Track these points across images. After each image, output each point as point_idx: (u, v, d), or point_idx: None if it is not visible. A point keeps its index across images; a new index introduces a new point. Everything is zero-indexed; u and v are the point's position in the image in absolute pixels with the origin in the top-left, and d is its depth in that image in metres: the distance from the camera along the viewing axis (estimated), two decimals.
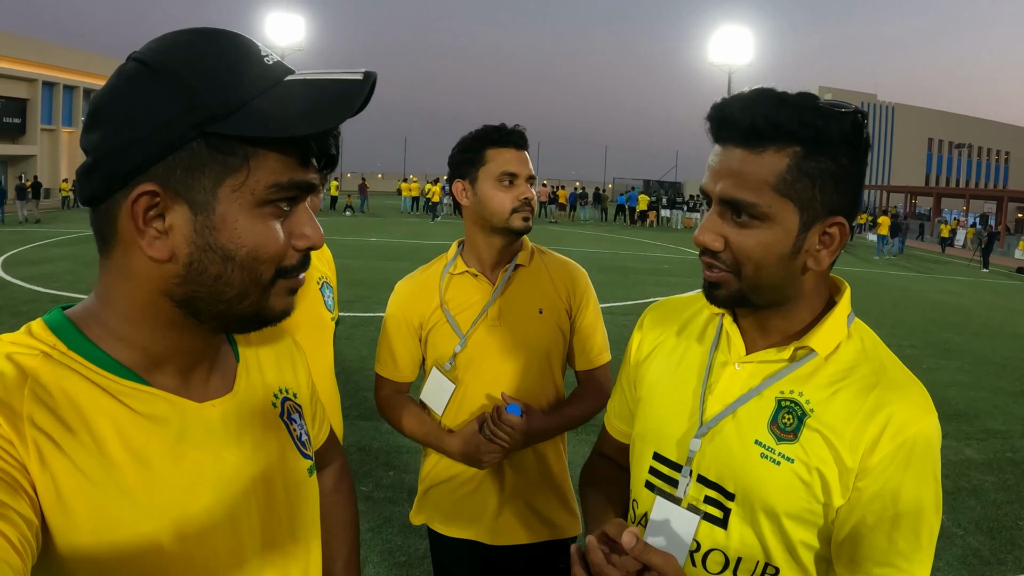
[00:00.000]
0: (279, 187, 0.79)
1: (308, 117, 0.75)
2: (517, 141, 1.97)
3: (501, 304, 1.99)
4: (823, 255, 1.07)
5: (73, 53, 40.13)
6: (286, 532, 0.94)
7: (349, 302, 9.84)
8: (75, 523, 0.74)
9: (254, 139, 0.77)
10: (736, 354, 1.17)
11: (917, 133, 77.25)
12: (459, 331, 1.98)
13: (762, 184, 1.02)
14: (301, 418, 1.04)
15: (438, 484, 2.07)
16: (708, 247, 1.08)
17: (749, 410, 1.13)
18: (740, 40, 39.39)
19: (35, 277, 11.60)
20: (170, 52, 0.78)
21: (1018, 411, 7.04)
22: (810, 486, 1.06)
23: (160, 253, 0.78)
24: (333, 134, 0.84)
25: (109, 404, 0.79)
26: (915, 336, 10.49)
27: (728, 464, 1.12)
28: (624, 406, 1.41)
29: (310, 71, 0.81)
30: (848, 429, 1.06)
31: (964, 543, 4.25)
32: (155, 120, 0.75)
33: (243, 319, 0.84)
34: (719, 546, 1.13)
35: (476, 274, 2.01)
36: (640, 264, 17.72)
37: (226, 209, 0.78)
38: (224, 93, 0.76)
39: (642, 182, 44.09)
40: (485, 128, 1.99)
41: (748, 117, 1.02)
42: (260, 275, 0.81)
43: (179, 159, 0.76)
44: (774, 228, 1.04)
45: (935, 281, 19.21)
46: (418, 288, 2.07)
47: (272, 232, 0.81)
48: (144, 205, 0.76)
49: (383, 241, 20.24)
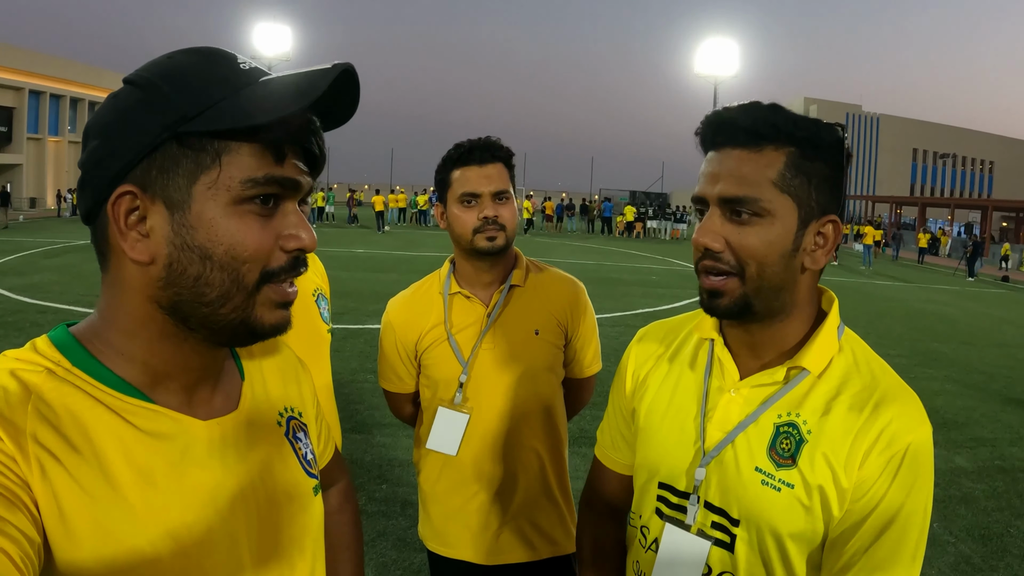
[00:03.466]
0: (254, 182, 0.79)
1: (269, 106, 0.76)
2: (479, 157, 1.90)
3: (496, 328, 1.96)
4: (819, 254, 1.10)
5: (60, 62, 39.99)
6: (289, 552, 0.93)
7: (338, 314, 9.81)
8: (76, 540, 0.74)
9: (222, 132, 0.77)
10: (730, 380, 1.18)
11: (902, 143, 78.06)
12: (460, 356, 1.95)
13: (763, 180, 1.05)
14: (307, 436, 1.03)
15: (435, 502, 2.03)
16: (709, 247, 1.08)
17: (748, 437, 1.14)
18: (726, 52, 39.66)
19: (22, 288, 11.49)
20: (151, 68, 0.81)
21: (1006, 419, 7.10)
22: (810, 509, 1.08)
23: (142, 255, 0.79)
24: (311, 130, 0.83)
25: (112, 421, 0.78)
26: (902, 345, 10.56)
27: (732, 491, 1.14)
28: (619, 436, 1.40)
29: (285, 70, 0.82)
30: (843, 448, 1.07)
31: (955, 550, 4.27)
32: (132, 127, 0.78)
33: (230, 327, 0.82)
34: (728, 568, 1.15)
35: (469, 296, 1.98)
36: (628, 275, 17.75)
37: (202, 207, 0.78)
38: (196, 96, 0.77)
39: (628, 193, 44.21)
40: (451, 149, 1.95)
41: (748, 119, 1.07)
42: (241, 276, 0.80)
43: (154, 161, 0.77)
44: (775, 224, 1.06)
45: (921, 290, 19.37)
46: (412, 306, 2.04)
47: (251, 230, 0.80)
48: (124, 207, 0.78)
49: (370, 252, 20.21)
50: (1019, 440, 6.45)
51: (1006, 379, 8.86)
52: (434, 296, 2.02)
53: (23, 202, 36.68)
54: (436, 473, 2.02)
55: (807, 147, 1.06)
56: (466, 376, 1.94)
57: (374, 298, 11.73)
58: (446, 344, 1.96)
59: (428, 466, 2.04)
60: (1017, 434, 6.63)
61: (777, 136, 1.05)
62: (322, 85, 0.75)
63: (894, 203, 50.23)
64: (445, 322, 1.97)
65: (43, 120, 37.37)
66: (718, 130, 1.09)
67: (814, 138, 1.06)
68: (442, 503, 2.01)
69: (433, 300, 2.02)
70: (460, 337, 1.96)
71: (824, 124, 1.08)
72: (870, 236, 26.51)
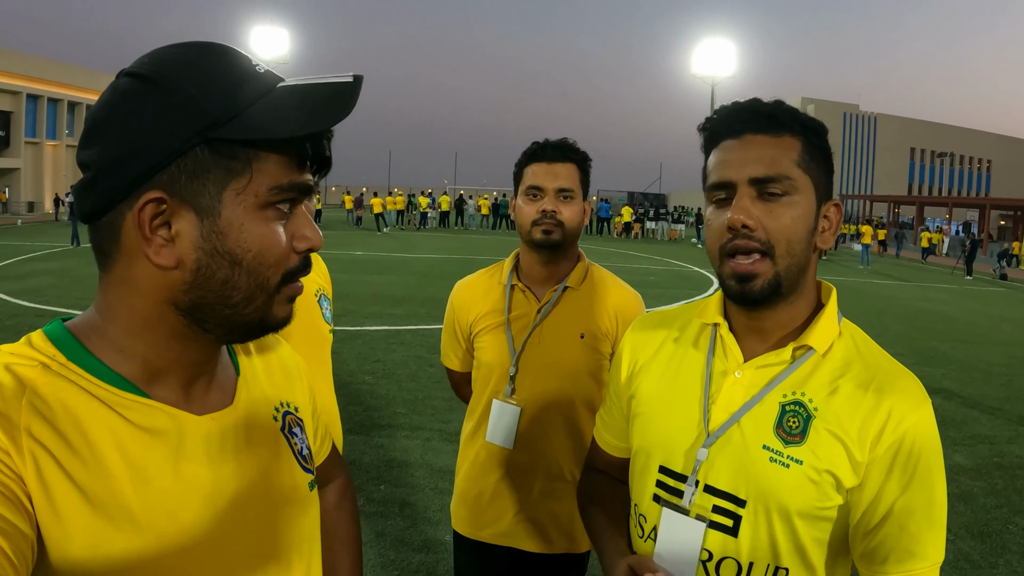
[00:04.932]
0: (280, 189, 0.80)
1: (306, 118, 0.78)
2: (551, 155, 1.99)
3: (543, 326, 2.02)
4: (827, 235, 1.19)
5: (58, 66, 40.00)
6: (286, 547, 0.93)
7: (337, 316, 9.78)
8: (70, 536, 0.73)
9: (256, 142, 0.78)
10: (735, 361, 1.20)
11: (900, 142, 78.13)
12: (512, 347, 2.02)
13: (789, 161, 1.13)
14: (302, 432, 1.03)
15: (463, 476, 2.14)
16: (746, 223, 1.11)
17: (754, 416, 1.15)
18: (723, 52, 39.62)
19: (19, 291, 11.50)
20: (166, 65, 0.79)
21: (1004, 416, 7.11)
22: (820, 485, 1.10)
23: (167, 260, 0.78)
24: (327, 136, 0.86)
25: (107, 416, 0.78)
26: (901, 344, 10.57)
27: (739, 471, 1.15)
28: (615, 420, 1.42)
29: (300, 77, 0.83)
30: (853, 424, 1.10)
31: (955, 548, 4.27)
32: (158, 129, 0.76)
33: (247, 326, 0.84)
34: (731, 553, 1.15)
35: (524, 289, 2.06)
36: (626, 276, 17.35)
37: (232, 213, 0.78)
38: (223, 100, 0.77)
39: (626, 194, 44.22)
40: (529, 146, 2.04)
41: (768, 107, 1.16)
42: (267, 280, 0.82)
43: (183, 166, 0.77)
44: (802, 203, 1.13)
45: (919, 289, 19.38)
46: (474, 290, 2.15)
47: (276, 235, 0.82)
48: (151, 212, 0.77)
49: (369, 255, 20.18)
50: (1017, 437, 6.46)
51: (1004, 377, 8.88)
52: (494, 284, 2.12)
53: (21, 206, 36.68)
54: (472, 454, 2.12)
55: (814, 136, 1.15)
56: (515, 369, 2.01)
57: (373, 300, 11.73)
58: (500, 332, 2.05)
59: (466, 447, 2.16)
60: (1015, 431, 6.64)
61: (792, 124, 1.14)
62: (352, 99, 0.78)
63: (892, 202, 50.32)
64: (506, 311, 2.05)
65: (41, 124, 37.34)
66: (737, 118, 1.16)
67: (819, 128, 1.17)
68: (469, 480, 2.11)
69: (492, 287, 2.12)
70: (513, 328, 2.04)
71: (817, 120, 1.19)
72: (868, 235, 26.58)
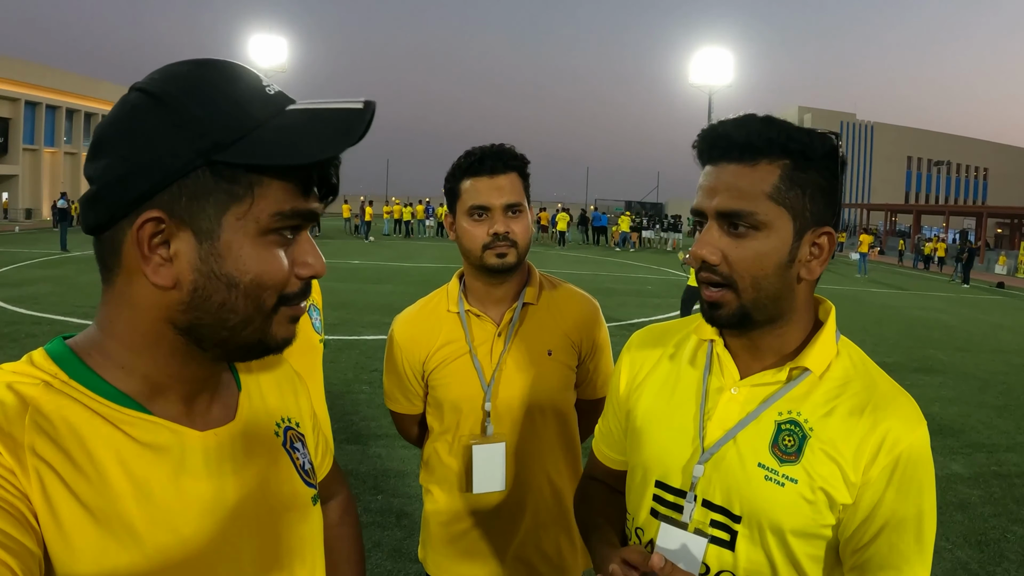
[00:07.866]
0: (282, 216, 0.80)
1: (312, 145, 0.76)
2: (491, 167, 1.76)
3: (511, 349, 1.85)
4: (814, 265, 1.13)
5: (57, 73, 39.97)
6: (290, 562, 0.93)
7: (333, 325, 9.79)
8: (75, 553, 0.74)
9: (259, 167, 0.77)
10: (731, 378, 1.20)
11: (896, 151, 78.16)
12: (482, 376, 1.83)
13: (758, 194, 1.08)
14: (304, 447, 1.03)
15: (439, 523, 1.93)
16: (706, 259, 1.10)
17: (749, 434, 1.15)
18: (720, 62, 39.65)
19: (17, 299, 11.46)
20: (174, 82, 0.79)
21: (1002, 425, 7.11)
22: (815, 504, 1.10)
23: (164, 280, 0.78)
24: (334, 163, 0.84)
25: (110, 433, 0.78)
26: (898, 352, 10.57)
27: (733, 488, 1.15)
28: (613, 435, 1.42)
29: (311, 100, 0.82)
30: (849, 446, 1.10)
31: (953, 557, 4.27)
32: (160, 148, 0.76)
33: (246, 347, 0.84)
34: (728, 567, 1.15)
35: (479, 314, 1.86)
36: (623, 285, 17.73)
37: (231, 237, 0.78)
38: (228, 122, 0.76)
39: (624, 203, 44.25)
40: (461, 157, 1.81)
41: (743, 133, 1.09)
42: (263, 302, 0.81)
43: (184, 187, 0.76)
44: (771, 236, 1.09)
45: (916, 297, 19.41)
46: (419, 324, 1.92)
47: (276, 260, 0.81)
48: (149, 231, 0.77)
49: (366, 264, 20.17)
50: (1015, 446, 6.46)
51: (1002, 385, 8.88)
52: (443, 314, 1.90)
53: (19, 213, 36.61)
54: (445, 498, 1.91)
55: (801, 159, 1.08)
56: (490, 404, 1.82)
57: (369, 309, 11.71)
58: (465, 363, 1.85)
59: (436, 491, 1.93)
60: (1013, 440, 6.64)
61: (771, 149, 1.08)
62: (360, 128, 0.76)
63: (889, 211, 50.35)
64: (467, 339, 1.85)
65: (39, 131, 37.32)
66: (713, 145, 1.12)
67: (807, 149, 1.08)
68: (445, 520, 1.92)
69: (441, 317, 1.90)
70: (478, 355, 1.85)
71: (818, 134, 1.10)
72: (866, 244, 26.69)
